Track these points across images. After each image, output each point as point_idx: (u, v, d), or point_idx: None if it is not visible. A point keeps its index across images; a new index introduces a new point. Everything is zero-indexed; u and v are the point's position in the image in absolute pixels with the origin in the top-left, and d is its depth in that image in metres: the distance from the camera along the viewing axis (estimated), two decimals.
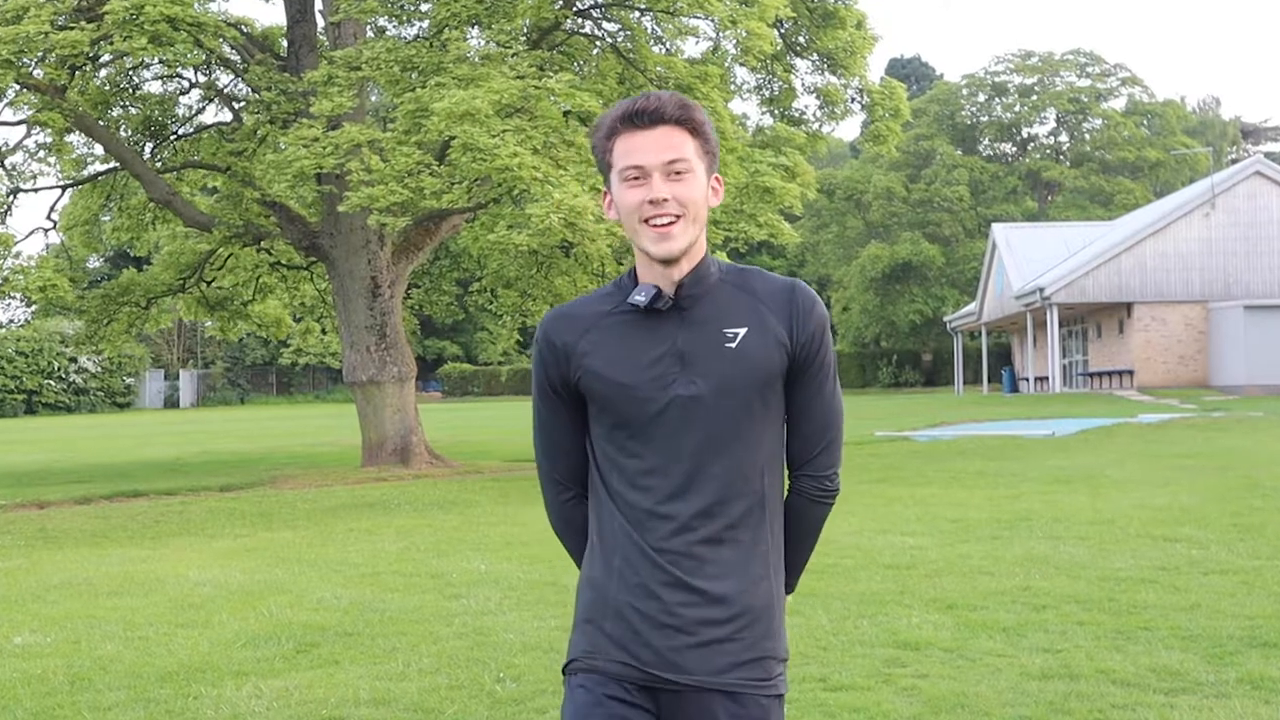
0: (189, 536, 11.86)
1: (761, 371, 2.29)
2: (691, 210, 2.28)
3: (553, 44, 17.66)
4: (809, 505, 2.43)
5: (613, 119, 2.31)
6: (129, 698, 5.77)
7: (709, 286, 2.34)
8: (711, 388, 2.27)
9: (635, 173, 2.28)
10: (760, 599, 2.30)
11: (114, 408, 60.35)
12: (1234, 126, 69.35)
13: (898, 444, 20.62)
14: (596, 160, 2.38)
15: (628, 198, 2.29)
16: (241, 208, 18.74)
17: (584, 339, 2.34)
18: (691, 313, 2.31)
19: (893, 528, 10.51)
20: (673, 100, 2.29)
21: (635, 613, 2.27)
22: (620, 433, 2.31)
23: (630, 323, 2.33)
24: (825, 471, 2.41)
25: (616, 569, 2.30)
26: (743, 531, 2.30)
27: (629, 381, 2.29)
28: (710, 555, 2.27)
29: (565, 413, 2.41)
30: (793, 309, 2.33)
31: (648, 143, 2.27)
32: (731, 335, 2.30)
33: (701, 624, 2.25)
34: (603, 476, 2.35)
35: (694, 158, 2.29)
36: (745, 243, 18.33)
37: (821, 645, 6.31)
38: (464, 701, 5.53)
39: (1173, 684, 5.43)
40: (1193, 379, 34.69)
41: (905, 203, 60.16)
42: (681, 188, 2.27)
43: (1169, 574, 7.93)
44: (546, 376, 2.39)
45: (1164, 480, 13.41)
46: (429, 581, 8.61)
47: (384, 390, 18.31)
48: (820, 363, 2.36)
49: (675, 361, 2.29)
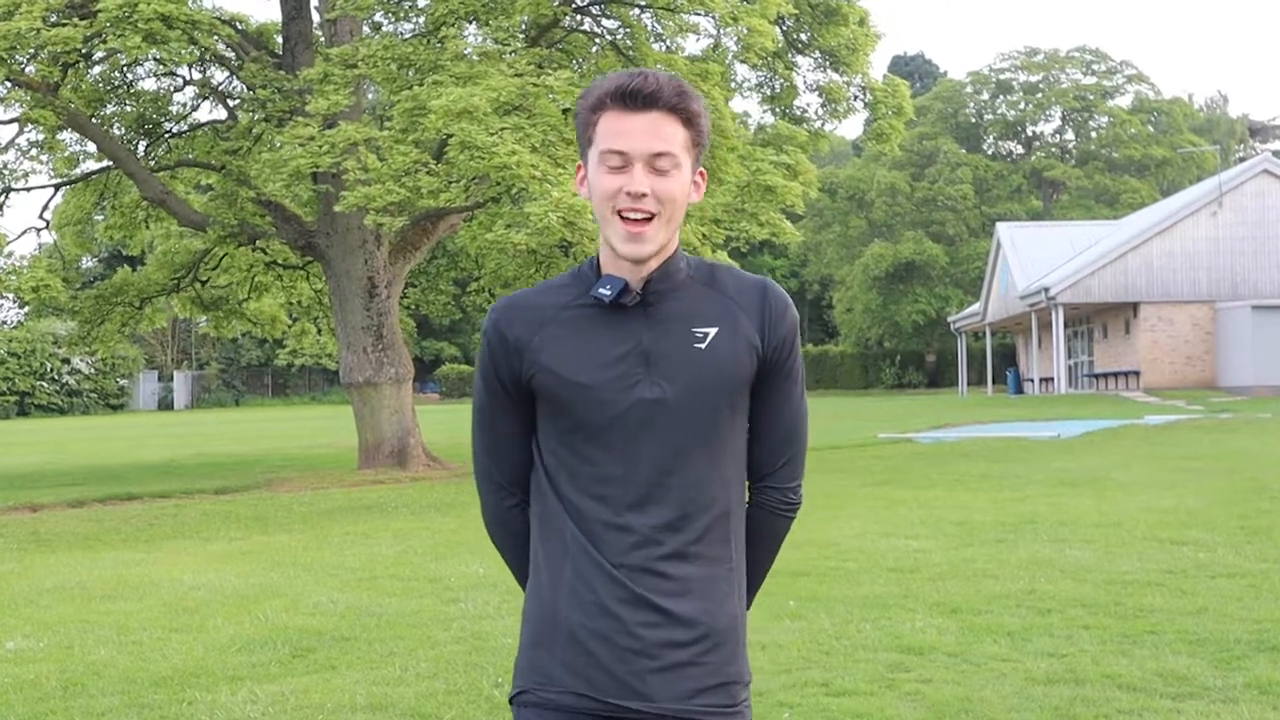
0: (183, 540, 11.81)
1: (732, 375, 2.15)
2: (669, 210, 2.12)
3: (551, 41, 17.62)
4: (771, 519, 2.28)
5: (603, 92, 2.13)
6: (122, 703, 5.74)
7: (678, 283, 2.18)
8: (678, 391, 2.12)
9: (617, 158, 2.10)
10: (725, 620, 2.15)
11: (107, 409, 60.40)
12: (1241, 124, 69.31)
13: (901, 446, 20.56)
14: (578, 130, 2.20)
15: (605, 183, 2.11)
16: (236, 207, 18.69)
17: (539, 333, 2.16)
18: (658, 310, 2.16)
19: (896, 531, 10.45)
20: (671, 84, 2.12)
21: (590, 634, 2.09)
22: (576, 436, 2.14)
23: (591, 317, 2.15)
24: (789, 483, 2.27)
25: (567, 584, 2.12)
26: (707, 547, 2.14)
27: (588, 381, 2.12)
28: (674, 572, 2.11)
29: (513, 411, 2.22)
30: (765, 309, 2.19)
31: (636, 127, 2.10)
32: (701, 335, 2.15)
33: (664, 646, 2.09)
34: (553, 483, 2.17)
35: (682, 152, 2.13)
36: (747, 242, 18.27)
37: (824, 649, 6.25)
38: (461, 706, 5.50)
39: (1179, 689, 5.39)
40: (1200, 380, 34.62)
41: (909, 201, 60.14)
42: (664, 183, 2.11)
43: (1175, 577, 7.86)
44: (495, 372, 2.21)
45: (1170, 483, 13.34)
46: (426, 585, 8.56)
47: (381, 392, 18.25)
48: (790, 368, 2.22)
49: (640, 361, 2.13)
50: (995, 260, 44.07)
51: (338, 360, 19.50)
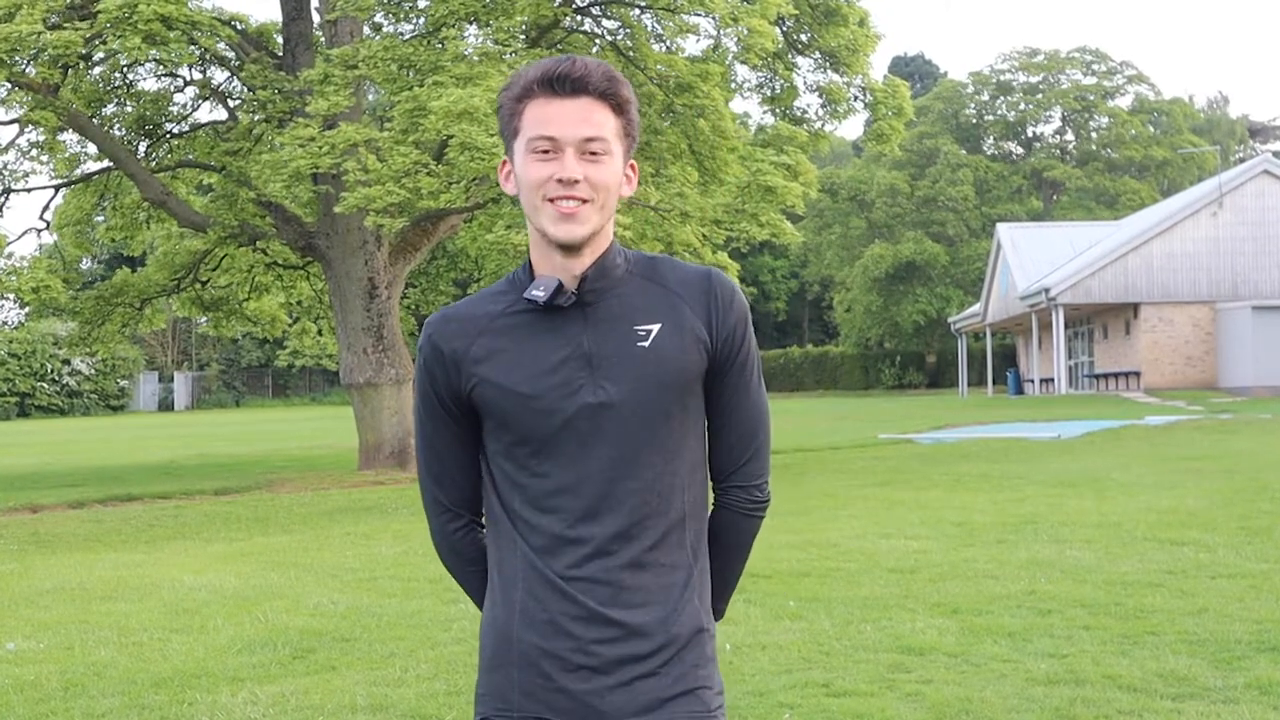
0: (184, 541, 11.80)
1: (680, 372, 2.05)
2: (602, 196, 2.02)
3: (551, 42, 17.60)
4: (738, 519, 2.19)
5: (528, 79, 2.04)
6: (123, 704, 5.74)
7: (616, 279, 2.08)
8: (624, 393, 2.03)
9: (546, 144, 2.01)
10: (686, 626, 2.06)
11: (108, 410, 60.38)
12: (1241, 125, 69.30)
13: (901, 446, 20.55)
14: (501, 122, 2.10)
15: (533, 172, 2.02)
16: (237, 208, 18.68)
17: (476, 344, 2.07)
18: (597, 309, 2.06)
19: (896, 531, 10.44)
20: (600, 70, 2.03)
21: (544, 655, 2.01)
22: (522, 449, 2.05)
23: (528, 323, 2.07)
24: (755, 480, 2.18)
25: (519, 605, 2.04)
26: (664, 553, 2.05)
27: (530, 391, 2.03)
28: (629, 581, 2.02)
29: (455, 429, 2.13)
30: (710, 300, 2.09)
31: (565, 113, 2.01)
32: (644, 333, 2.05)
33: (622, 662, 2.01)
34: (502, 501, 2.08)
35: (614, 138, 2.04)
36: (747, 242, 18.26)
37: (824, 650, 6.24)
38: (462, 708, 5.49)
39: (1180, 689, 5.39)
40: (1200, 380, 34.60)
41: (909, 202, 60.10)
42: (596, 169, 2.02)
43: (1176, 578, 7.85)
44: (433, 389, 2.12)
45: (1171, 483, 13.33)
46: (427, 586, 8.55)
47: (381, 392, 18.24)
48: (743, 360, 2.13)
49: (582, 365, 2.04)
50: (995, 261, 44.05)
51: (338, 361, 19.49)
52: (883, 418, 29.13)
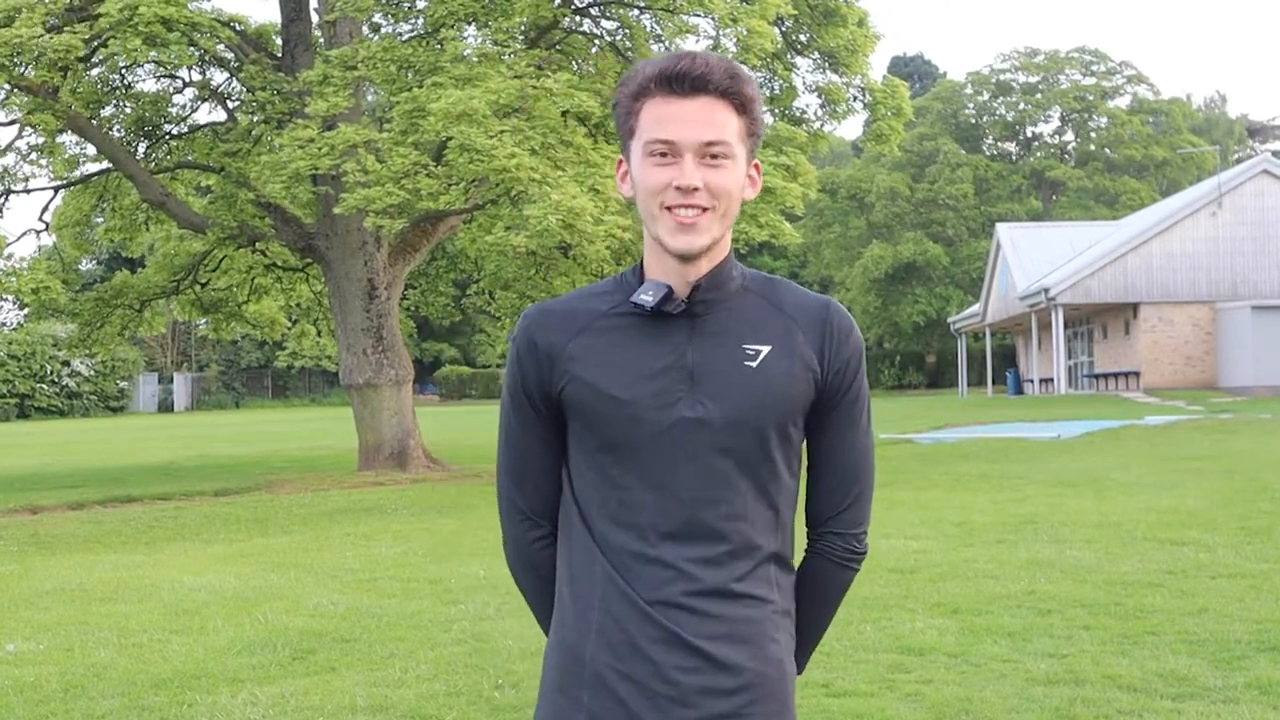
0: (183, 542, 11.79)
1: (785, 399, 1.93)
2: (724, 204, 1.91)
3: (551, 43, 17.60)
4: (833, 570, 2.05)
5: (646, 77, 1.92)
6: (123, 705, 5.73)
7: (730, 292, 1.97)
8: (724, 413, 1.90)
9: (664, 148, 1.90)
10: (774, 669, 1.92)
11: (107, 411, 60.33)
12: (1241, 124, 69.33)
13: (901, 446, 20.54)
14: (618, 121, 1.99)
15: (652, 177, 1.91)
16: (236, 209, 18.67)
17: (574, 341, 1.96)
18: (706, 321, 1.95)
19: (896, 531, 10.43)
20: (721, 66, 1.91)
21: (620, 678, 1.87)
22: (607, 457, 1.93)
23: (632, 326, 1.96)
24: (854, 529, 2.04)
25: (595, 624, 1.91)
26: (755, 586, 1.92)
27: (624, 396, 1.92)
28: (717, 611, 1.89)
29: (541, 429, 2.01)
30: (826, 330, 1.97)
31: (685, 114, 1.89)
32: (753, 353, 1.93)
33: (703, 694, 1.86)
34: (581, 510, 1.96)
35: (736, 140, 1.92)
36: (746, 243, 18.25)
37: (824, 650, 6.23)
38: (462, 708, 5.49)
39: (1180, 689, 5.38)
40: (1200, 380, 34.58)
41: (908, 202, 60.11)
42: (717, 175, 1.90)
43: (1176, 578, 7.85)
44: (523, 383, 2.00)
45: (1171, 483, 13.32)
46: (427, 587, 8.55)
47: (381, 393, 18.23)
48: (854, 397, 2.00)
49: (683, 377, 1.92)
50: (995, 261, 44.04)
51: (338, 362, 19.48)
52: (882, 418, 29.11)
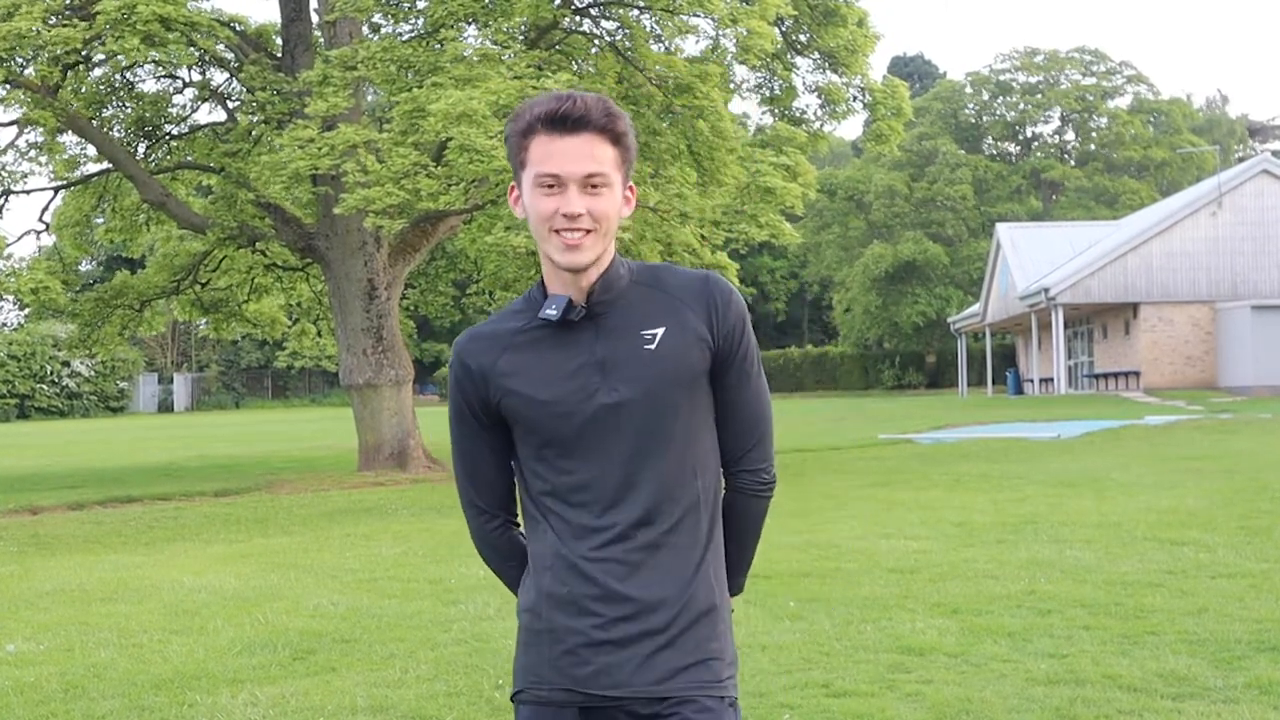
0: (183, 542, 11.79)
1: (684, 370, 2.26)
2: (603, 225, 2.23)
3: (551, 43, 17.59)
4: (749, 501, 2.40)
5: (534, 116, 2.22)
6: (123, 706, 5.74)
7: (621, 290, 2.29)
8: (636, 393, 2.24)
9: (552, 180, 2.21)
10: (700, 601, 2.26)
11: (107, 412, 60.32)
12: (1241, 124, 69.33)
13: (901, 446, 20.55)
14: (509, 153, 2.29)
15: (541, 205, 2.22)
16: (236, 209, 18.67)
17: (501, 359, 2.29)
18: (606, 319, 2.27)
19: (896, 531, 10.43)
20: (598, 106, 2.22)
21: (570, 632, 2.23)
22: (549, 450, 2.27)
23: (546, 338, 2.28)
24: (761, 465, 2.38)
25: (546, 589, 2.26)
26: (681, 535, 2.26)
27: (551, 398, 2.25)
28: (646, 560, 2.23)
29: (486, 437, 2.36)
30: (709, 302, 2.29)
31: (568, 150, 2.20)
32: (650, 337, 2.26)
33: (641, 635, 2.22)
34: (534, 499, 2.31)
35: (612, 170, 2.23)
36: (746, 243, 18.25)
37: (824, 650, 6.24)
38: (462, 709, 5.49)
39: (1180, 689, 5.38)
40: (1200, 380, 34.59)
41: (908, 202, 60.09)
42: (597, 202, 2.22)
43: (1176, 578, 7.84)
44: (465, 401, 2.34)
45: (1171, 483, 13.32)
46: (427, 587, 8.55)
47: (381, 393, 18.23)
48: (744, 355, 2.33)
49: (595, 371, 2.25)
50: (995, 261, 44.04)
51: (338, 362, 19.47)
52: (883, 418, 29.12)
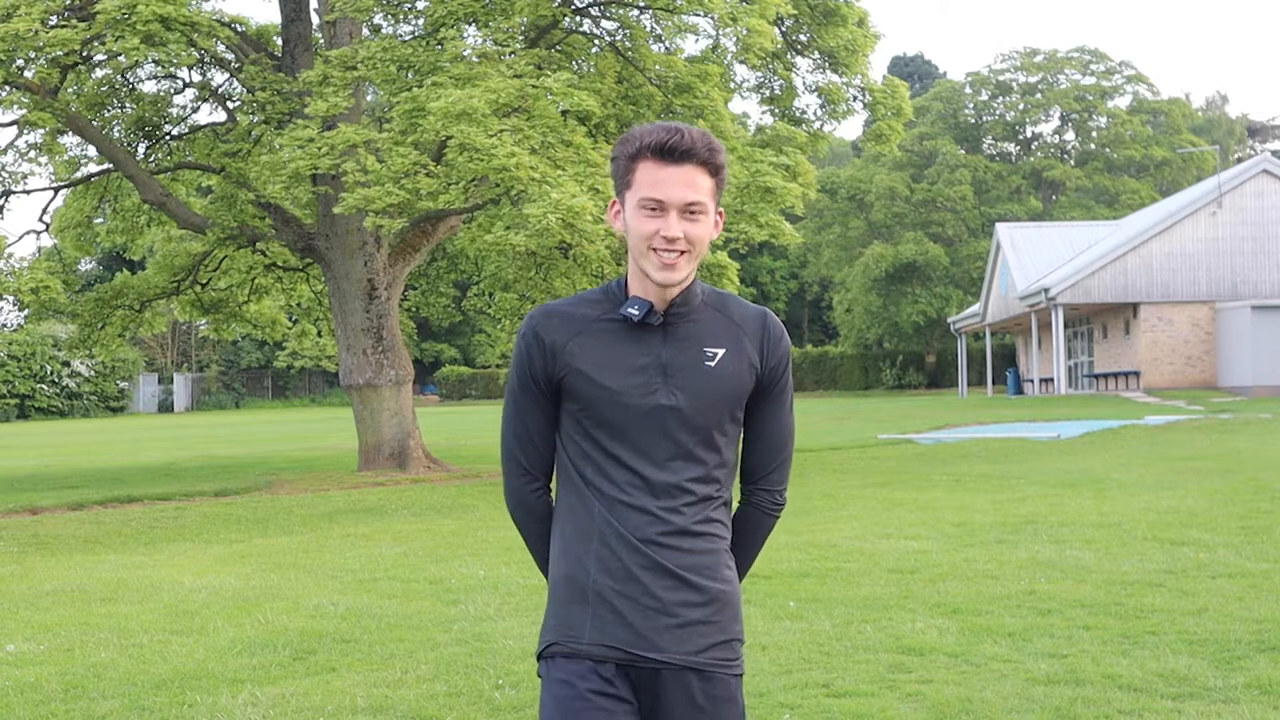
0: (184, 542, 11.79)
1: (734, 390, 2.53)
2: (697, 248, 2.47)
3: (551, 42, 17.58)
4: (761, 518, 2.68)
5: (642, 144, 2.46)
6: (123, 706, 5.74)
7: (693, 308, 2.55)
8: (690, 400, 2.49)
9: (655, 205, 2.45)
10: (729, 588, 2.53)
11: (107, 412, 60.34)
12: (1241, 124, 69.35)
13: (901, 446, 20.55)
14: (614, 173, 2.53)
15: (643, 226, 2.46)
16: (236, 209, 18.65)
17: (573, 340, 2.51)
18: (676, 329, 2.52)
19: (896, 531, 10.43)
20: (702, 140, 2.45)
21: (616, 594, 2.46)
22: (600, 431, 2.50)
23: (618, 331, 2.52)
24: (778, 487, 2.67)
25: (594, 552, 2.48)
26: (713, 527, 2.52)
27: (615, 386, 2.48)
28: (687, 546, 2.48)
29: (543, 406, 2.58)
30: (764, 335, 2.59)
31: (673, 178, 2.44)
32: (711, 355, 2.53)
33: (681, 606, 2.46)
34: (578, 470, 2.53)
35: (709, 198, 2.48)
36: (746, 243, 18.23)
37: (825, 650, 6.24)
38: (463, 709, 5.50)
39: (1180, 689, 5.39)
40: (1200, 380, 34.59)
41: (908, 202, 60.07)
42: (694, 227, 2.46)
43: (1176, 578, 7.85)
44: (530, 370, 2.55)
45: (1171, 483, 13.33)
46: (427, 587, 8.55)
47: (381, 393, 18.22)
48: (783, 387, 2.62)
49: (658, 373, 2.50)
50: (995, 261, 44.03)
51: (338, 362, 19.46)
52: (883, 418, 29.12)
